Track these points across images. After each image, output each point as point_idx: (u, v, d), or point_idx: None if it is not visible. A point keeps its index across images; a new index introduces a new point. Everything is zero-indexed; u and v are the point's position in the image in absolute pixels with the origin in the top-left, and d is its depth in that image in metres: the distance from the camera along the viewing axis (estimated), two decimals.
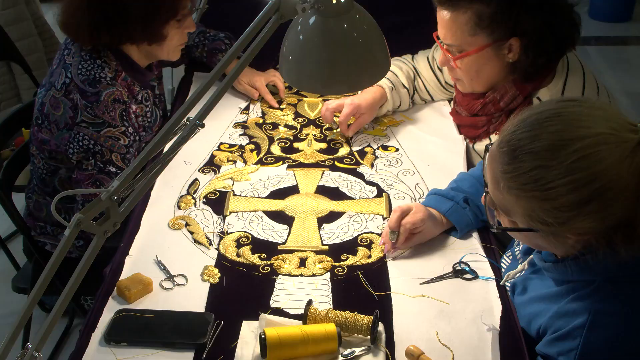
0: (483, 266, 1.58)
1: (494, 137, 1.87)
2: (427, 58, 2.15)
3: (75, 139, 1.95)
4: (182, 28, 2.04)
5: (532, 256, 1.40)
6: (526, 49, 1.73)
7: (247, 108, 2.26)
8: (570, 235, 1.19)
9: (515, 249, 1.54)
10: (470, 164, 1.95)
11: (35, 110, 2.07)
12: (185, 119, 1.14)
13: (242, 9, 1.99)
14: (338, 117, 2.08)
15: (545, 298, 1.32)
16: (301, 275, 1.58)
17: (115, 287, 1.52)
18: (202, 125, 1.13)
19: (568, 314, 1.24)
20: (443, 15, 1.79)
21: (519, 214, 1.21)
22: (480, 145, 1.93)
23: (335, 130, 2.11)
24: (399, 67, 2.15)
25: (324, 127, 2.14)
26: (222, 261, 1.62)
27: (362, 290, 1.53)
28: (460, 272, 1.56)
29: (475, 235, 1.67)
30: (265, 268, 1.60)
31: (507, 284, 1.50)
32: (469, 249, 1.63)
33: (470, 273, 1.56)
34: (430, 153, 2.00)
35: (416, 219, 1.60)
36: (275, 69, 2.41)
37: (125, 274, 1.57)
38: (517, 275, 1.46)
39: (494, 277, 1.54)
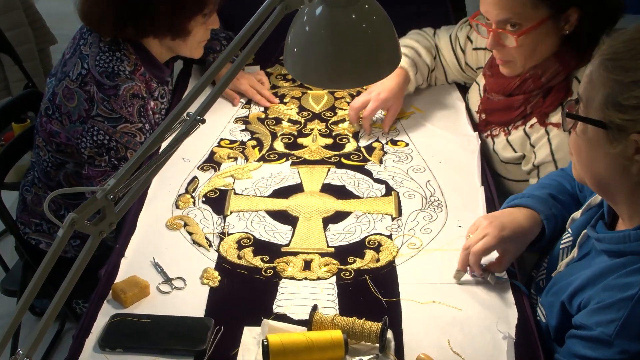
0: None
1: (529, 122, 1.84)
2: (450, 36, 2.16)
3: (89, 132, 1.95)
4: (206, 24, 2.06)
5: (584, 232, 1.41)
6: (582, 20, 1.74)
7: (248, 102, 2.26)
8: (636, 137, 1.20)
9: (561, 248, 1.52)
10: (485, 162, 1.93)
11: (45, 100, 2.07)
12: (185, 114, 1.14)
13: (241, 9, 1.98)
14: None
15: (594, 274, 1.33)
16: (306, 279, 1.58)
17: (110, 291, 1.52)
18: (203, 121, 1.14)
19: (616, 287, 1.26)
20: None
21: (598, 103, 1.23)
22: (515, 134, 1.89)
23: (354, 125, 2.09)
24: (420, 43, 2.16)
25: (330, 122, 2.14)
26: (222, 263, 1.62)
27: (370, 295, 1.53)
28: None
29: None
30: (268, 271, 1.60)
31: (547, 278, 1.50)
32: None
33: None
34: (442, 149, 2.00)
35: (490, 244, 1.52)
36: (278, 60, 2.41)
37: (120, 276, 1.57)
38: (569, 261, 1.45)
39: (506, 277, 1.54)
